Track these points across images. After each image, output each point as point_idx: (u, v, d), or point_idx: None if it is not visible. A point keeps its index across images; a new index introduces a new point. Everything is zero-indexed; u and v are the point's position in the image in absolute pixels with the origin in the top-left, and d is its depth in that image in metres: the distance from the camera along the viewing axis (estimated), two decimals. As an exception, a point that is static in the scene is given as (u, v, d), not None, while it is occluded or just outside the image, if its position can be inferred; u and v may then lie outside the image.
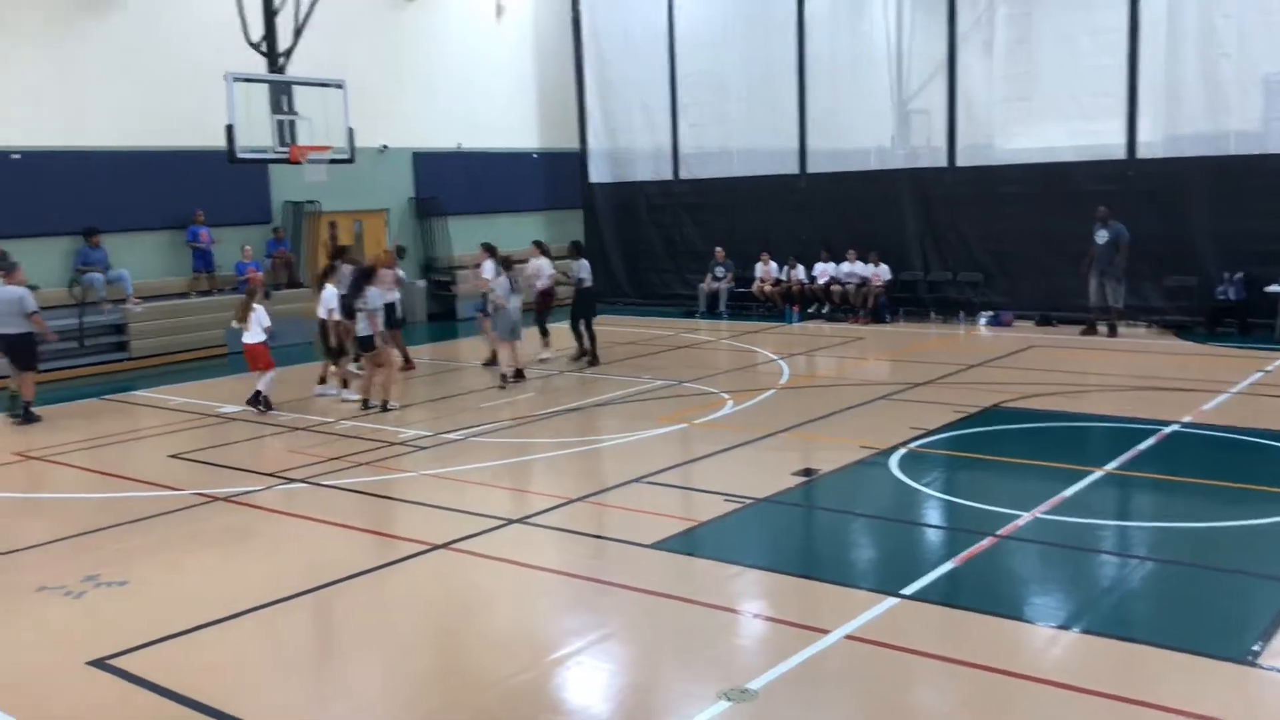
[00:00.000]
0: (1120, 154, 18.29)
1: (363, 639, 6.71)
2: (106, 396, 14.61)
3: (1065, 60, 18.83)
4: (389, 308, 14.89)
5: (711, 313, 21.88)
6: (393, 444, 11.50)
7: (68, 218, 17.53)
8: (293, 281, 20.04)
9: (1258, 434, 10.61)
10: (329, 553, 8.18)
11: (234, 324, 13.68)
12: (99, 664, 6.21)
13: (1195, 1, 17.62)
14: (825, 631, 6.29)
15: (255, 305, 13.23)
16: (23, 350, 13.36)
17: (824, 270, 20.92)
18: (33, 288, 16.40)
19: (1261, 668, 5.74)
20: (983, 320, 19.25)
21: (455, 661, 6.34)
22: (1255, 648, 5.92)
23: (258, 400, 13.25)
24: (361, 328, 13.08)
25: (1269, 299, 16.53)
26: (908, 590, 6.90)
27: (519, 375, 14.67)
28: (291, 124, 17.00)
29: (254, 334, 13.16)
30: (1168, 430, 10.83)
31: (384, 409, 13.03)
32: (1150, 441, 10.43)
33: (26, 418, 13.33)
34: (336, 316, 13.61)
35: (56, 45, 17.47)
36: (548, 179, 25.53)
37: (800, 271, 21.20)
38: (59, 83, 17.48)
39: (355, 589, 7.39)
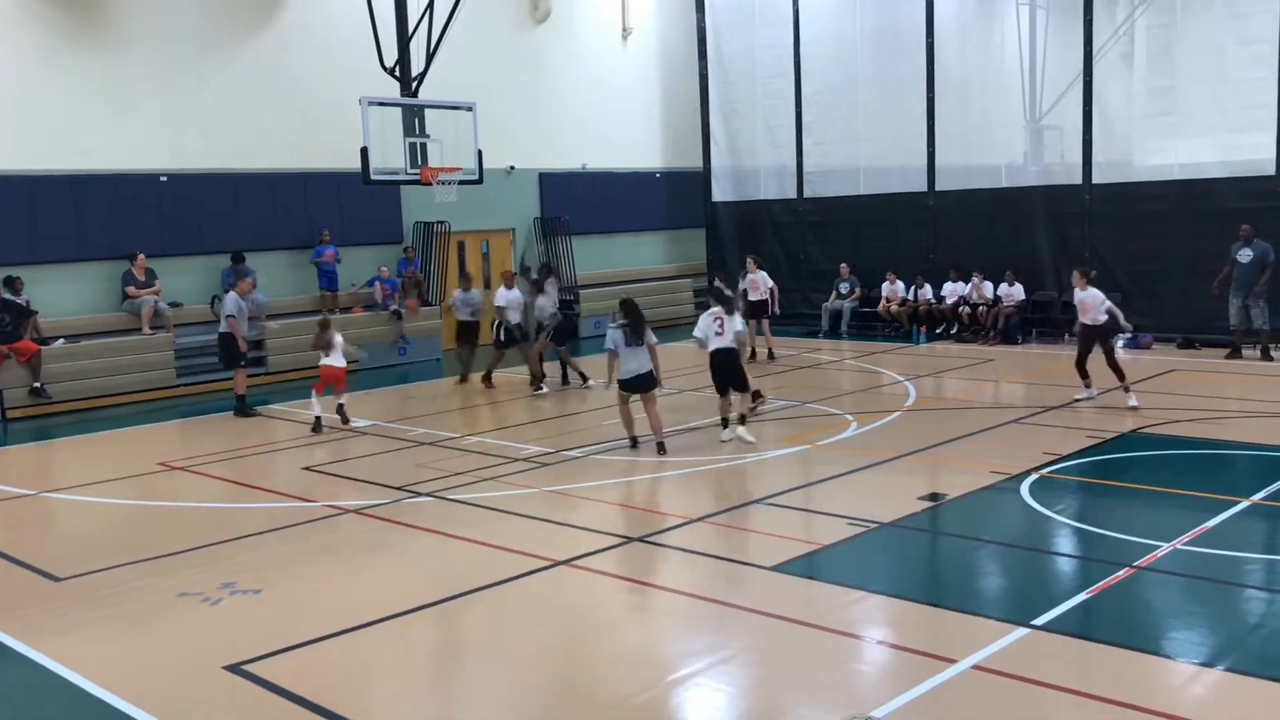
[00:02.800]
0: (1270, 169, 17.45)
1: (486, 653, 6.80)
2: (246, 409, 15.18)
3: (1211, 72, 18.13)
4: (511, 325, 16.15)
5: (834, 332, 21.64)
6: (515, 460, 11.65)
7: (209, 238, 18.31)
8: (421, 300, 20.53)
9: None
10: (454, 566, 8.32)
11: (313, 349, 14.26)
12: (235, 669, 6.42)
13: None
14: (952, 661, 6.13)
15: (337, 336, 13.90)
16: (222, 349, 15.15)
17: (953, 290, 20.49)
18: (174, 305, 17.48)
19: None
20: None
21: (576, 679, 6.36)
22: None
23: (342, 415, 13.94)
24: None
25: None
26: (1039, 621, 6.67)
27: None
28: (423, 146, 17.44)
29: (336, 358, 13.76)
30: (1322, 460, 10.29)
31: (660, 450, 11.67)
32: (1302, 471, 9.91)
33: (238, 411, 14.86)
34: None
35: (200, 74, 18.27)
36: (670, 198, 25.67)
37: (928, 291, 20.81)
38: (201, 109, 18.28)
39: (479, 603, 7.49)
